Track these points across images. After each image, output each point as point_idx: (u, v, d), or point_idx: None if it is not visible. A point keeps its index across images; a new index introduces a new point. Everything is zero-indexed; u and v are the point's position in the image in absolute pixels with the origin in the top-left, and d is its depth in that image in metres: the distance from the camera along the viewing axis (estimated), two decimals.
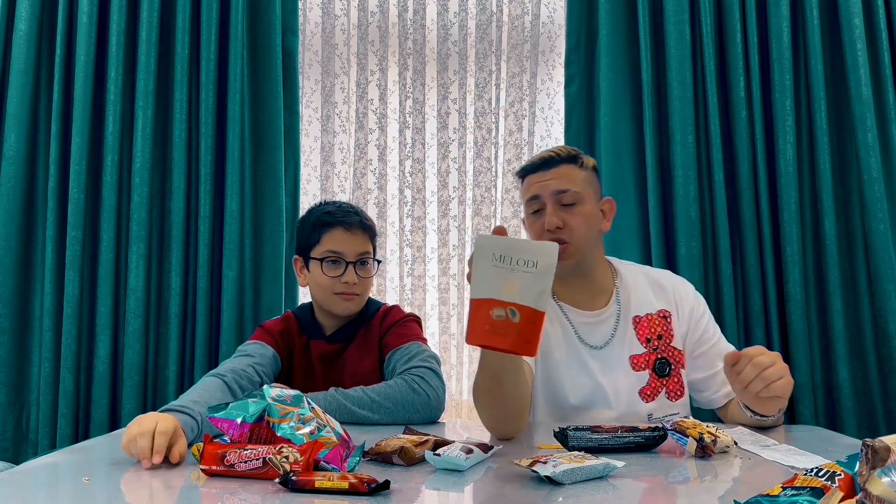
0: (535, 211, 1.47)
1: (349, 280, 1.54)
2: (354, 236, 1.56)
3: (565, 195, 1.44)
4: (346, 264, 1.54)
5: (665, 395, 1.46)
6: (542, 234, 1.44)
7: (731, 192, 2.04)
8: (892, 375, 1.94)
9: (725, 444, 1.10)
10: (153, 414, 1.10)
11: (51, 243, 2.02)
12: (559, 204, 1.45)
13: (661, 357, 1.47)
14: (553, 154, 1.49)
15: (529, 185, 1.49)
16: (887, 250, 1.95)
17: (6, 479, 1.02)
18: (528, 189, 1.49)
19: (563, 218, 1.43)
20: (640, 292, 1.51)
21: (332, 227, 1.55)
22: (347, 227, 1.55)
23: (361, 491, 0.86)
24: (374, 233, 1.62)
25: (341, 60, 2.28)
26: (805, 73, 2.05)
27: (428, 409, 1.43)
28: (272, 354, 1.55)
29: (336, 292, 1.55)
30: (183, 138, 2.07)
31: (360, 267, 1.56)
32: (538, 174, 1.47)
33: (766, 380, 1.22)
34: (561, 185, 1.45)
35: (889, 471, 0.63)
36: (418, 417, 1.42)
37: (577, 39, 2.16)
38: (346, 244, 1.55)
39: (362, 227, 1.57)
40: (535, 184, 1.47)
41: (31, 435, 2.03)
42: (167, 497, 0.91)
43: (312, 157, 2.28)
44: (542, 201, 1.46)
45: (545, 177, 1.46)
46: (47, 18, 2.12)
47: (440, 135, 2.26)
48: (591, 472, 0.94)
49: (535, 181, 1.47)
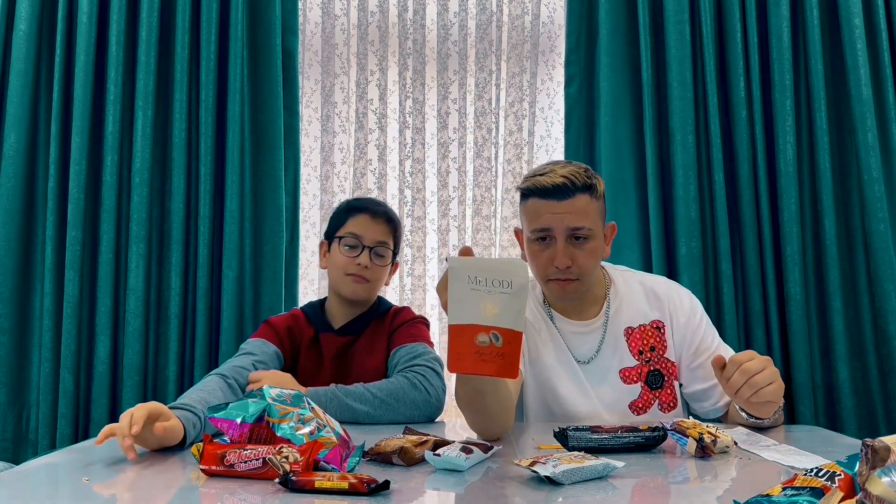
0: (542, 238, 1.38)
1: (362, 262, 1.58)
2: (377, 224, 1.62)
3: (580, 231, 1.36)
4: (363, 248, 1.60)
5: (658, 406, 1.45)
6: (547, 267, 1.38)
7: (731, 192, 2.04)
8: (892, 375, 1.94)
9: (725, 444, 1.10)
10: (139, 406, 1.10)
11: (51, 243, 2.02)
12: (571, 238, 1.36)
13: (654, 369, 1.46)
14: (567, 182, 1.34)
15: (540, 212, 1.36)
16: (887, 250, 1.95)
17: (6, 479, 1.02)
18: (537, 216, 1.37)
19: (573, 255, 1.36)
20: (633, 302, 1.48)
21: (359, 213, 1.63)
22: (372, 214, 1.62)
23: (361, 491, 0.86)
24: (397, 227, 1.67)
25: (341, 60, 2.28)
26: (805, 73, 2.05)
27: (428, 407, 1.44)
28: (274, 351, 1.56)
29: (348, 272, 1.59)
30: (183, 138, 2.07)
31: (376, 254, 1.61)
32: (551, 203, 1.35)
33: (754, 386, 1.20)
34: (576, 221, 1.35)
35: (889, 471, 0.63)
36: (418, 414, 1.42)
37: (577, 39, 2.16)
38: (368, 229, 1.61)
39: (386, 218, 1.64)
40: (549, 214, 1.35)
41: (31, 435, 2.03)
42: (167, 497, 0.91)
43: (312, 157, 2.28)
44: (552, 233, 1.36)
45: (559, 209, 1.35)
46: (47, 18, 2.12)
47: (440, 135, 2.25)
48: (590, 472, 0.94)
49: (548, 211, 1.35)
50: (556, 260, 1.36)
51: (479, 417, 1.23)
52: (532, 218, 1.39)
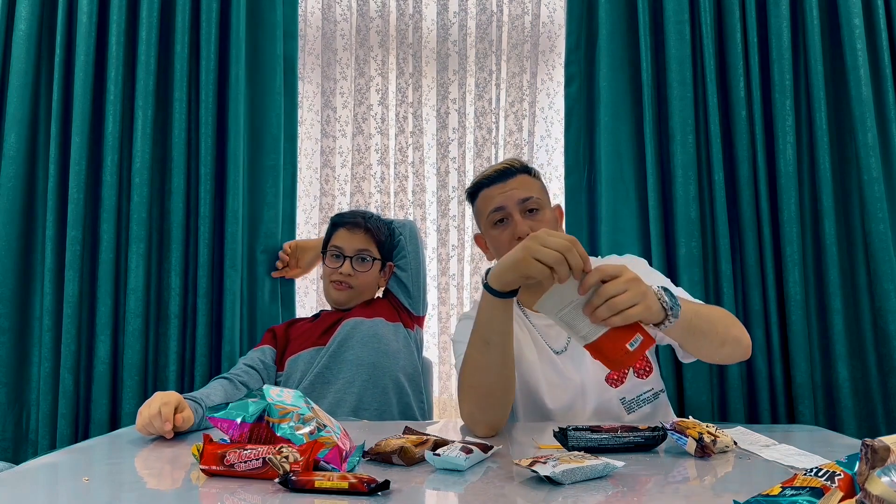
0: (499, 221, 1.49)
1: (344, 270, 1.82)
2: (355, 235, 1.84)
3: (529, 202, 1.48)
4: (344, 258, 1.83)
5: (633, 374, 1.47)
6: (511, 242, 1.43)
7: (731, 192, 2.04)
8: (892, 375, 1.94)
9: (725, 444, 1.10)
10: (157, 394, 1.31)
11: (50, 243, 2.02)
12: (525, 211, 1.48)
13: None
14: (507, 166, 1.52)
15: (489, 197, 1.50)
16: (887, 250, 1.95)
17: (6, 479, 1.02)
18: (488, 201, 1.51)
19: (531, 226, 1.45)
20: None
21: (339, 227, 1.87)
22: (350, 227, 1.85)
23: (361, 491, 0.86)
24: (378, 234, 1.86)
25: (340, 65, 2.28)
26: (805, 73, 2.05)
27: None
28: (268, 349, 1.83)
29: (332, 280, 1.84)
30: (183, 138, 2.07)
31: (357, 262, 1.83)
32: (497, 186, 1.50)
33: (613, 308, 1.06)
34: (523, 193, 1.48)
35: (889, 470, 0.63)
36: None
37: (577, 39, 2.16)
38: (347, 241, 1.85)
39: (364, 228, 1.85)
40: (499, 195, 1.49)
41: (31, 435, 2.03)
42: (167, 497, 0.91)
43: (313, 159, 2.28)
44: (506, 211, 1.48)
45: (506, 187, 1.49)
46: (47, 18, 2.12)
47: (440, 135, 2.25)
48: (590, 472, 0.94)
49: (497, 192, 1.49)
50: (517, 230, 1.45)
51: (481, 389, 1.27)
52: (485, 206, 1.51)
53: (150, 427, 1.26)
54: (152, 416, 1.25)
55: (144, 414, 1.27)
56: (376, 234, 1.85)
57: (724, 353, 1.34)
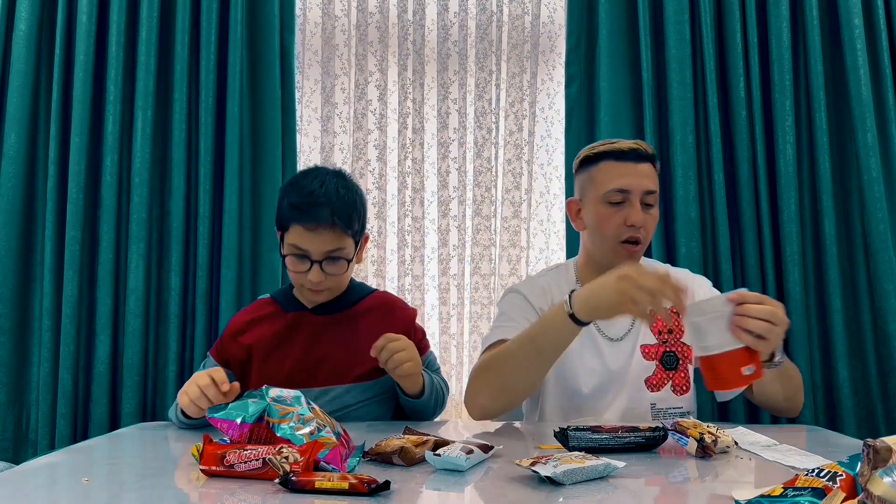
0: (616, 202, 1.41)
1: (313, 279, 1.41)
2: (320, 235, 1.38)
3: (652, 196, 1.43)
4: (311, 262, 1.41)
5: (671, 387, 1.47)
6: (619, 227, 1.40)
7: (731, 192, 2.04)
8: (892, 375, 1.94)
9: (726, 444, 1.10)
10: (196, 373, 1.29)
11: (50, 243, 2.02)
12: (645, 203, 1.42)
13: (669, 350, 1.48)
14: (640, 147, 1.43)
15: (616, 174, 1.41)
16: (887, 250, 1.95)
17: (6, 479, 1.01)
18: (612, 177, 1.41)
19: (644, 219, 1.41)
20: None
21: (295, 223, 1.40)
22: (310, 227, 1.38)
23: (361, 491, 0.86)
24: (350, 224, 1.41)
25: (341, 61, 2.28)
26: (805, 73, 2.05)
27: (442, 408, 1.57)
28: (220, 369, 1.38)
29: (302, 284, 1.47)
30: (182, 138, 2.06)
31: (328, 264, 1.41)
32: (628, 165, 1.41)
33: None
34: (651, 185, 1.42)
35: (891, 471, 0.63)
36: (438, 412, 1.56)
37: (577, 39, 2.16)
38: (311, 242, 1.39)
39: (331, 225, 1.38)
40: (630, 175, 1.40)
41: (31, 435, 2.03)
42: (167, 497, 0.91)
43: (312, 156, 2.28)
44: (630, 195, 1.40)
45: (636, 171, 1.41)
46: (47, 18, 2.11)
47: (440, 135, 2.25)
48: (591, 472, 0.94)
49: (627, 172, 1.40)
50: (632, 217, 1.39)
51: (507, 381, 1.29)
52: (607, 179, 1.42)
53: (200, 401, 1.23)
54: (206, 385, 1.22)
55: (196, 385, 1.24)
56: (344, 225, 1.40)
57: (784, 406, 1.40)
